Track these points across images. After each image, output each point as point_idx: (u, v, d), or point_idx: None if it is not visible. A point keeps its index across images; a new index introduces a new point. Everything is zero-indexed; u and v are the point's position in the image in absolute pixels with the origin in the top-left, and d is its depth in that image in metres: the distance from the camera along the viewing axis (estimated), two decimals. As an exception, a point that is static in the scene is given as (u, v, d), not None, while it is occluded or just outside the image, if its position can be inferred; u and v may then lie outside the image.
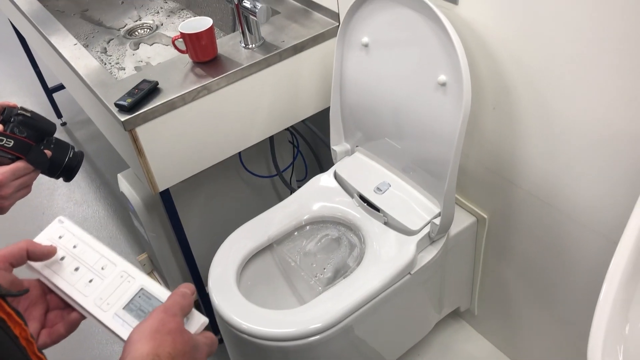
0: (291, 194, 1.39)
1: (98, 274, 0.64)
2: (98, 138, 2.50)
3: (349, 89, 1.30)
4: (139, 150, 1.23)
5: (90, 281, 0.64)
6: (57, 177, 0.84)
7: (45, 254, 0.65)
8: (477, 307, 1.51)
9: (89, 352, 1.70)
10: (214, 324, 1.28)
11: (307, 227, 1.32)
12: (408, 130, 1.20)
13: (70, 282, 0.64)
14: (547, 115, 1.02)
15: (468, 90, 1.00)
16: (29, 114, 0.77)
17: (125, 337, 0.58)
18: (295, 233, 1.31)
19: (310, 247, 1.30)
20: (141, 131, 1.21)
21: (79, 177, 2.33)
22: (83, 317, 0.65)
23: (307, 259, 1.30)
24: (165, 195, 1.38)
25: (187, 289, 0.63)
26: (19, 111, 0.77)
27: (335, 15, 1.39)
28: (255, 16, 1.26)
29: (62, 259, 0.66)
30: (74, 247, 0.67)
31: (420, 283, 1.25)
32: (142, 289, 0.63)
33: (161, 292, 0.63)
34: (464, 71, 0.99)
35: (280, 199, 1.35)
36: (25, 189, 0.79)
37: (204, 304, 1.58)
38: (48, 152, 0.80)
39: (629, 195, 0.95)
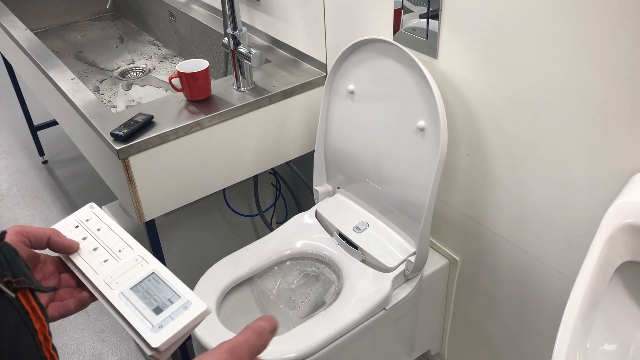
0: (271, 233, 1.44)
1: (114, 255, 0.66)
2: (79, 177, 2.53)
3: (333, 133, 1.39)
4: (130, 180, 1.28)
5: (105, 261, 0.66)
6: None
7: (67, 247, 0.66)
8: (447, 351, 1.55)
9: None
10: (191, 347, 1.29)
11: (288, 263, 1.37)
12: (388, 174, 1.28)
13: (86, 260, 0.66)
14: (514, 162, 1.11)
15: (444, 134, 1.09)
16: None
17: (125, 315, 0.60)
18: (275, 268, 1.36)
19: (289, 282, 1.35)
20: (134, 161, 1.26)
21: (57, 215, 2.34)
22: (93, 298, 0.66)
23: (286, 293, 1.34)
24: (150, 227, 1.42)
25: (268, 323, 0.53)
26: None
27: (322, 66, 1.50)
28: (249, 61, 1.36)
29: (84, 239, 0.68)
30: (98, 229, 0.69)
31: (394, 320, 1.29)
32: (153, 273, 0.64)
33: (172, 279, 0.64)
34: (441, 116, 1.08)
35: (260, 238, 1.41)
36: None
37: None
38: None
39: (588, 237, 1.03)
